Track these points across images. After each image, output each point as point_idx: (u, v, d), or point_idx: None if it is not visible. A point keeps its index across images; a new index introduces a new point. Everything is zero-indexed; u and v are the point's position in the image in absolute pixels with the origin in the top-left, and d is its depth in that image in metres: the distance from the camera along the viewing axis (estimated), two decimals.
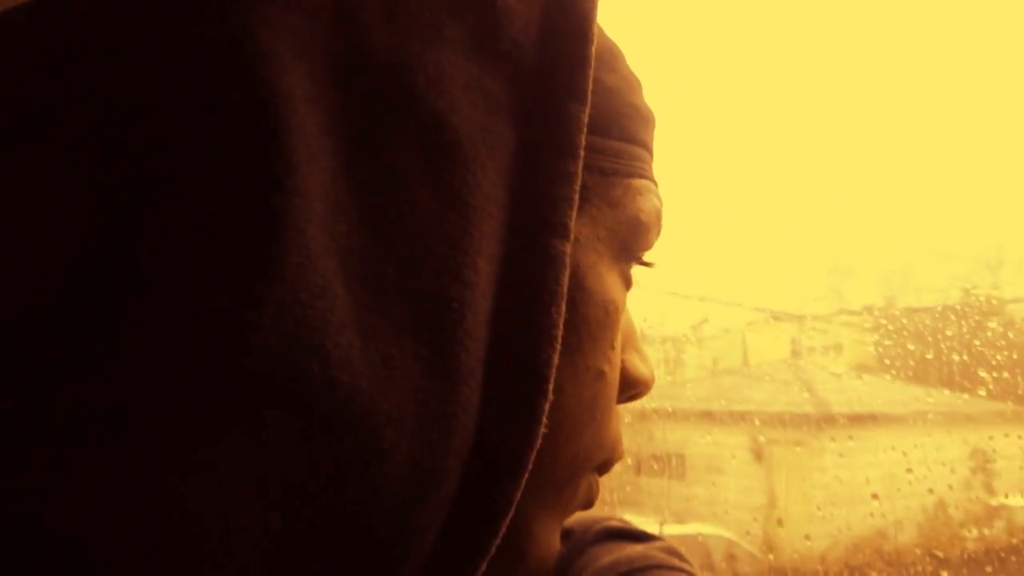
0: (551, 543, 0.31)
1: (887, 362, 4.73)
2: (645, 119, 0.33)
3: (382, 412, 0.22)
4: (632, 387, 0.34)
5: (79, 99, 0.22)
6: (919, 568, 3.51)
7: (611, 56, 0.32)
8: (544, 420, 0.26)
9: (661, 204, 0.34)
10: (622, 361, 0.33)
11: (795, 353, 6.20)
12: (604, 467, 0.33)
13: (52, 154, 0.22)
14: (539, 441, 0.26)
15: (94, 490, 0.20)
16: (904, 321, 4.61)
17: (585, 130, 0.28)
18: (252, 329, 0.21)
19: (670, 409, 5.30)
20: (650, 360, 0.35)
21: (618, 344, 0.32)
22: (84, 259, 0.21)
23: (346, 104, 0.24)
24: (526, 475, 0.25)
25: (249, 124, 0.22)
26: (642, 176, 0.33)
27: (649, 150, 0.34)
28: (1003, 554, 3.52)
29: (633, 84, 0.33)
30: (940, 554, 3.53)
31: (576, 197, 0.27)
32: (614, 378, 0.32)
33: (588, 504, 0.34)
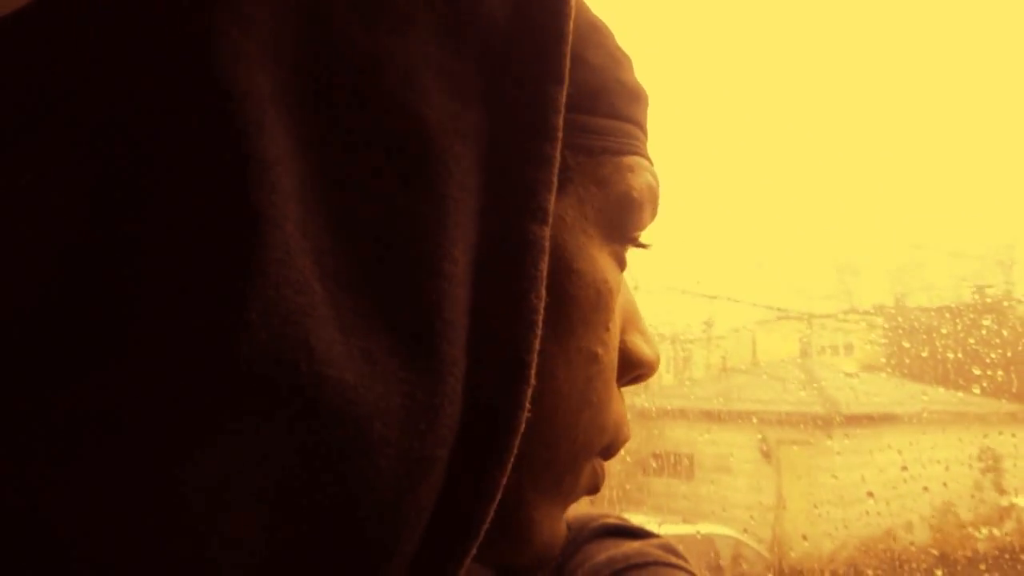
0: (555, 529, 0.31)
1: (884, 359, 4.72)
2: (635, 95, 0.32)
3: (369, 404, 0.22)
4: (635, 368, 0.34)
5: (64, 100, 0.22)
6: (915, 566, 3.51)
7: (594, 32, 0.32)
8: (527, 406, 0.25)
9: (657, 182, 0.33)
10: (623, 342, 0.33)
11: (804, 353, 6.18)
12: (608, 451, 0.33)
13: (41, 157, 0.22)
14: (523, 426, 0.25)
15: (93, 491, 0.20)
16: (901, 319, 4.60)
17: (562, 111, 0.27)
18: (241, 327, 0.21)
19: (677, 409, 5.30)
20: (654, 340, 0.35)
21: (613, 326, 0.31)
22: (76, 262, 0.21)
23: (316, 99, 0.24)
24: (511, 460, 0.25)
25: (222, 123, 0.22)
26: (633, 153, 0.32)
27: (641, 127, 0.33)
28: (1007, 555, 3.51)
29: (621, 60, 0.32)
30: (936, 552, 3.52)
31: (555, 180, 0.27)
32: (610, 360, 0.31)
33: (593, 489, 0.33)
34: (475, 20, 0.27)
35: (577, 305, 0.30)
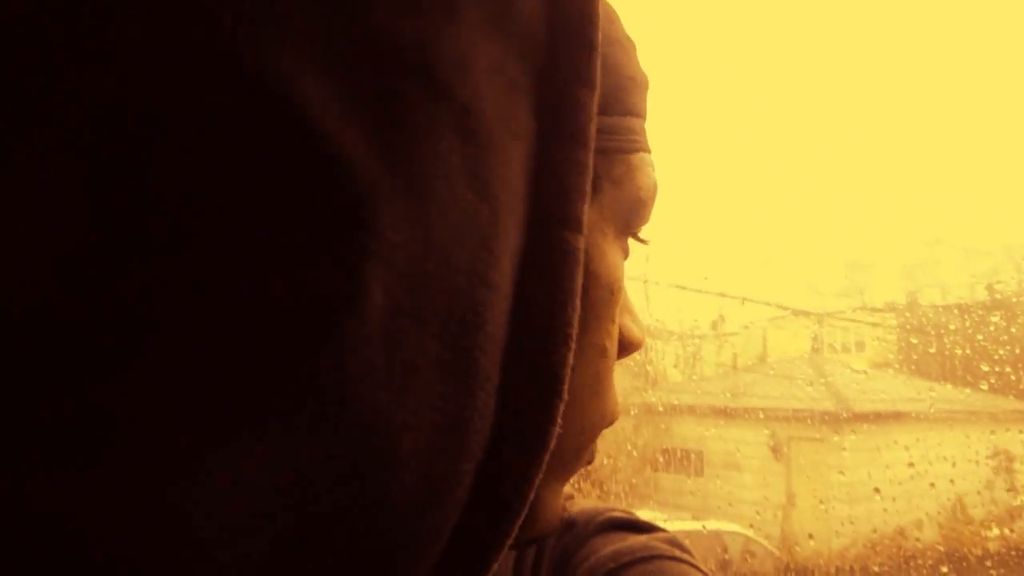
0: (556, 504, 0.32)
1: (892, 356, 4.70)
2: (640, 86, 0.32)
3: (399, 420, 0.22)
4: (627, 349, 0.34)
5: (77, 101, 0.21)
6: (920, 562, 3.50)
7: (607, 24, 0.31)
8: (559, 421, 0.25)
9: (655, 173, 0.33)
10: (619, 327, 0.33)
11: (815, 350, 6.15)
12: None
13: (41, 157, 0.21)
14: (553, 442, 0.25)
15: (106, 494, 0.20)
16: (910, 315, 4.58)
17: (595, 117, 0.26)
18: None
19: (686, 405, 5.28)
20: (640, 319, 0.35)
21: (618, 317, 0.32)
22: (86, 261, 0.20)
23: (374, 98, 0.22)
24: (540, 475, 0.25)
25: (294, 147, 0.20)
26: (639, 149, 0.32)
27: (643, 116, 0.33)
28: (1014, 552, 3.50)
29: (629, 51, 0.32)
30: (942, 548, 3.52)
31: (588, 188, 0.26)
32: (614, 350, 0.32)
33: (588, 462, 0.34)
34: (516, 15, 0.26)
35: (592, 304, 0.30)
